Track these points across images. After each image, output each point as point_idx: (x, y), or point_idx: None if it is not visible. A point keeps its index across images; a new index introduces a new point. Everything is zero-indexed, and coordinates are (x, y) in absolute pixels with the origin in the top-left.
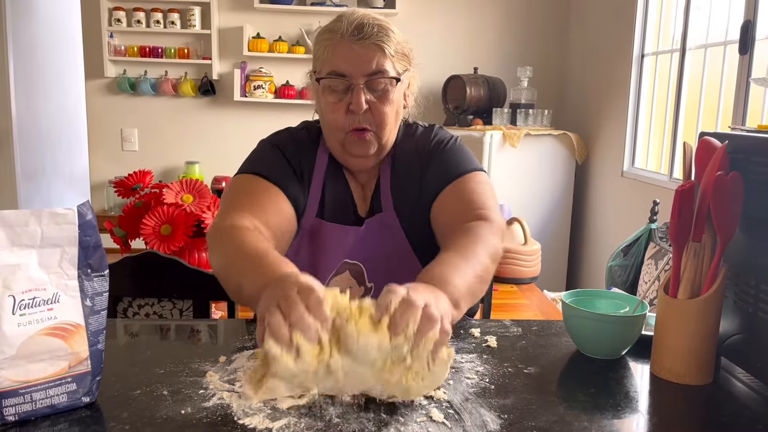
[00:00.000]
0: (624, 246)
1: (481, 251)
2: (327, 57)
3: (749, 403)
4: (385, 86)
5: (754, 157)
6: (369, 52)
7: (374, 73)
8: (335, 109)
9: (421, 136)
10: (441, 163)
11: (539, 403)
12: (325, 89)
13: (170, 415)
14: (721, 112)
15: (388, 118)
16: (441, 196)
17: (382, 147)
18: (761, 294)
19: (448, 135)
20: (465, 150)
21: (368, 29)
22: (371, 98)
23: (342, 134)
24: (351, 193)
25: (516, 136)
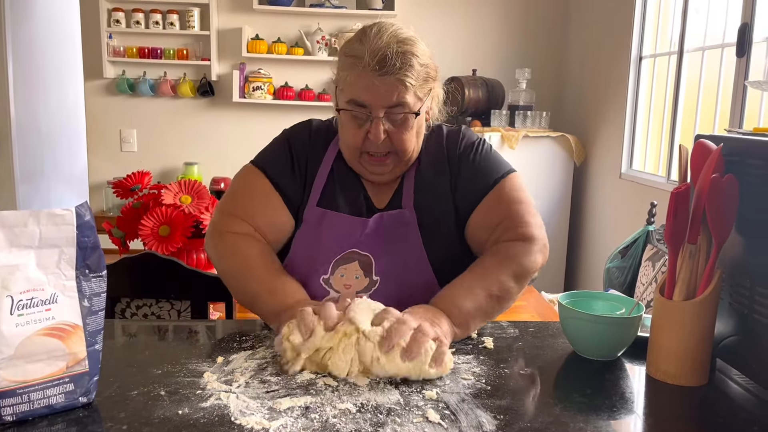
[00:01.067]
0: (622, 248)
1: (502, 271)
2: (349, 83)
3: (744, 404)
4: (404, 116)
5: (750, 159)
6: (389, 87)
7: (394, 106)
8: (354, 135)
9: (448, 138)
10: (472, 171)
11: (535, 404)
12: (346, 114)
13: (167, 415)
14: (719, 114)
15: (407, 144)
16: (477, 212)
17: (404, 164)
18: (756, 296)
19: (475, 137)
20: (493, 153)
21: (390, 63)
22: (390, 127)
23: (358, 153)
24: (363, 186)
25: (514, 137)
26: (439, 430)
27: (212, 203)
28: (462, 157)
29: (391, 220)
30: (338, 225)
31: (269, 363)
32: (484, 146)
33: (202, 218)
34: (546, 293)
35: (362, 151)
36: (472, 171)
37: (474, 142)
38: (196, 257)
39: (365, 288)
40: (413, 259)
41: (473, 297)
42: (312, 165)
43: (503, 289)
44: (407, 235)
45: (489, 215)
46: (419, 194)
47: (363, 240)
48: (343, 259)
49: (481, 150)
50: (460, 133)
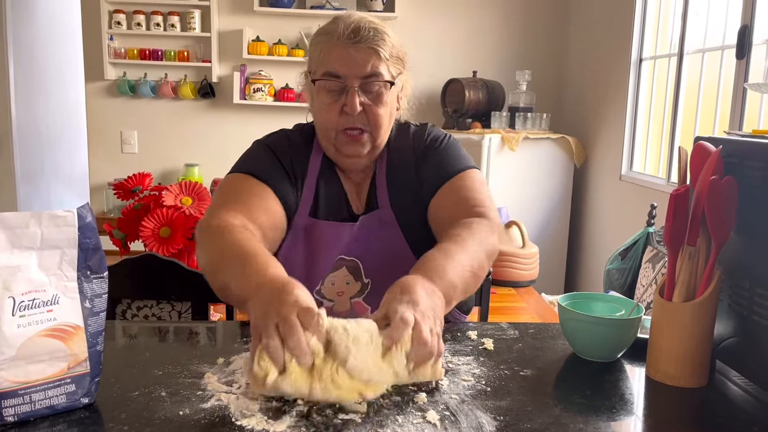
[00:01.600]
0: (622, 249)
1: (478, 247)
2: (323, 58)
3: (744, 405)
4: (379, 89)
5: (749, 161)
6: (364, 55)
7: (369, 76)
8: (329, 109)
9: (414, 134)
10: (436, 161)
11: (535, 405)
12: (320, 90)
13: (168, 416)
14: (719, 116)
15: (382, 120)
16: (438, 195)
17: (376, 147)
18: (755, 297)
19: (441, 133)
20: (459, 148)
21: (364, 32)
22: (365, 100)
23: (334, 133)
24: (344, 191)
25: (515, 139)
26: (439, 431)
27: None
28: (428, 149)
29: (371, 221)
30: (325, 234)
31: None
32: (449, 140)
33: None
34: (546, 295)
35: (337, 131)
36: (435, 160)
37: (439, 136)
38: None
39: (358, 292)
40: (399, 257)
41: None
42: (299, 169)
43: (481, 266)
44: (389, 234)
45: (451, 198)
46: (392, 191)
47: (348, 245)
48: (331, 267)
49: (447, 143)
50: (426, 128)
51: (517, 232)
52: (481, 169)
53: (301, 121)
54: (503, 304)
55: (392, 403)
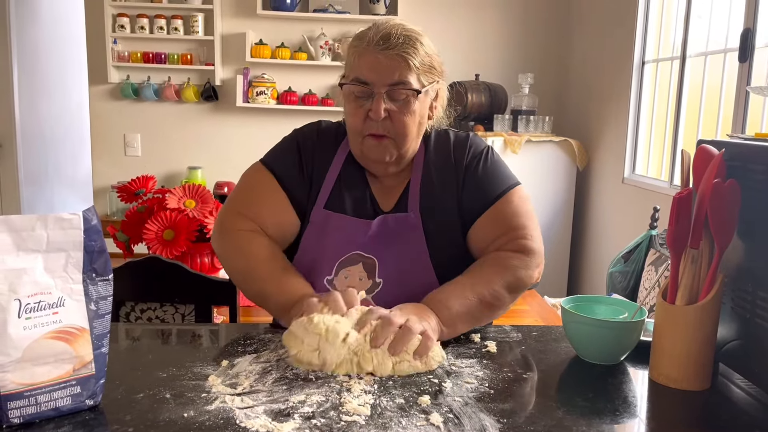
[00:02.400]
0: (624, 252)
1: (497, 279)
2: (353, 64)
3: (746, 408)
4: (407, 97)
5: (751, 164)
6: (392, 63)
7: (396, 84)
8: (355, 114)
9: (456, 143)
10: (478, 183)
11: (538, 408)
12: (348, 95)
13: (173, 418)
14: (722, 119)
15: (407, 128)
16: (481, 219)
17: (402, 155)
18: (758, 300)
19: (483, 146)
20: (501, 165)
21: (394, 40)
22: (391, 107)
23: (360, 138)
24: (370, 190)
25: (517, 142)
26: None
27: (216, 207)
28: (469, 167)
29: (396, 222)
30: (343, 227)
31: (273, 366)
32: (492, 156)
33: (206, 222)
34: (549, 298)
35: (364, 135)
36: (479, 180)
37: (481, 152)
38: (200, 261)
39: (368, 290)
40: (417, 263)
41: (464, 300)
42: (320, 166)
43: (495, 297)
44: (412, 238)
45: (493, 224)
46: (425, 198)
47: (367, 242)
48: (348, 261)
49: (489, 160)
50: (468, 140)
51: None
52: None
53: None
54: None
55: (396, 406)
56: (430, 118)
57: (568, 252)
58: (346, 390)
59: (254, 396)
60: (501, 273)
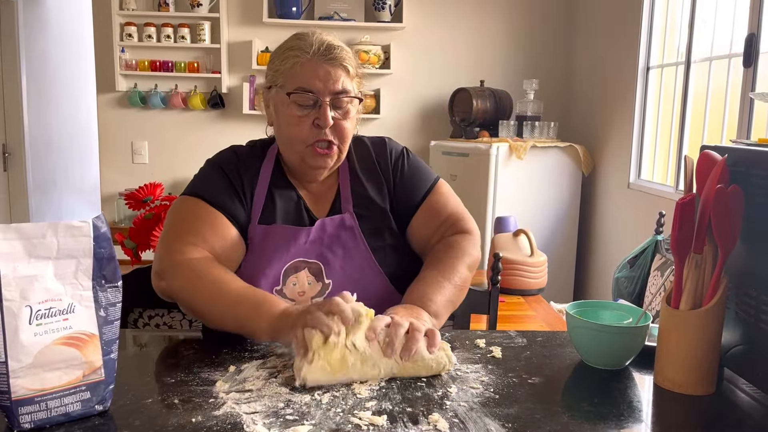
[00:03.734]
0: (630, 257)
1: (460, 264)
2: (296, 73)
3: (751, 413)
4: (347, 104)
5: (754, 170)
6: (336, 72)
7: (340, 92)
8: (300, 122)
9: (373, 145)
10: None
11: (543, 413)
12: (291, 104)
13: (181, 423)
14: (726, 124)
15: (348, 133)
16: (417, 216)
17: (339, 159)
18: (762, 305)
19: (400, 147)
20: (420, 162)
21: (337, 51)
22: (335, 115)
23: (303, 146)
24: (301, 197)
25: (522, 148)
26: None
27: None
28: (395, 169)
29: (333, 225)
30: (282, 237)
31: (280, 372)
32: (412, 156)
33: None
34: (555, 303)
35: (307, 143)
36: (408, 180)
37: (401, 154)
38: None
39: (319, 292)
40: (360, 260)
41: (442, 290)
42: (248, 184)
43: (463, 278)
44: (351, 238)
45: (431, 217)
46: (357, 200)
47: (308, 248)
48: (292, 268)
49: (411, 160)
50: (386, 144)
51: (526, 241)
52: (489, 178)
53: None
54: (512, 313)
55: (401, 411)
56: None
57: (574, 257)
58: (352, 394)
59: (262, 402)
60: (460, 256)
